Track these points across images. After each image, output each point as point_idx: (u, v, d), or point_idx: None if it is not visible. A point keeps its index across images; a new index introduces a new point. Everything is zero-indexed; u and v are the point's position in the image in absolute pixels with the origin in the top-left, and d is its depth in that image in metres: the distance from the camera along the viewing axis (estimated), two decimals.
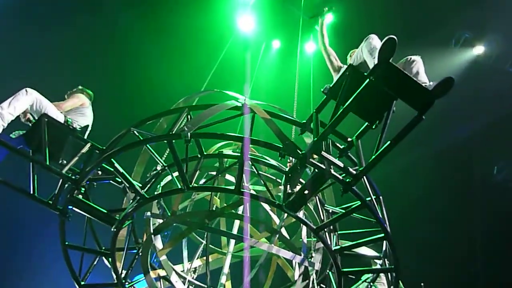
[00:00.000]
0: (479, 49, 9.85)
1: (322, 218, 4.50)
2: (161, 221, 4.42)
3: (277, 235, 4.46)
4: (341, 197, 3.87)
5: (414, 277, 6.33)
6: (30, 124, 4.56)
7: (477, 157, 10.93)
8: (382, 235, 4.00)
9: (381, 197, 4.51)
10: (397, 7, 10.30)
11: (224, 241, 5.88)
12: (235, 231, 5.03)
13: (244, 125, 4.19)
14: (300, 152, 3.57)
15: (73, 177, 4.20)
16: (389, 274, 4.60)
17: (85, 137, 4.83)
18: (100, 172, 4.68)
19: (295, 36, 10.94)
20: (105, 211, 4.31)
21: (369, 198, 4.18)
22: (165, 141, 3.74)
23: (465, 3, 9.45)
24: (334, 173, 3.68)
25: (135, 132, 4.30)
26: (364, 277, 4.90)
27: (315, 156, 3.67)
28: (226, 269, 4.54)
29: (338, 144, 4.32)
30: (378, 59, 3.14)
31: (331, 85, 3.92)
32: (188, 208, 5.40)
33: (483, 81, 9.99)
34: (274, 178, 4.86)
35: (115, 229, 4.33)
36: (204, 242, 4.95)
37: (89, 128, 4.99)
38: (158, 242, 4.34)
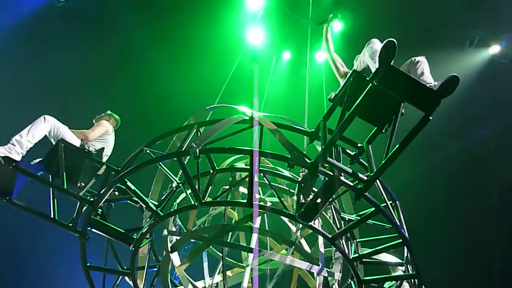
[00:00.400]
0: (495, 49, 9.67)
1: (339, 226, 4.44)
2: (177, 238, 4.46)
3: (293, 246, 4.41)
4: (354, 204, 3.82)
5: (439, 284, 6.17)
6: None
7: (496, 158, 10.63)
8: (400, 240, 3.91)
9: (398, 202, 4.43)
10: (410, 10, 10.28)
11: (245, 254, 5.88)
12: (253, 244, 5.02)
13: (253, 137, 4.22)
14: (309, 161, 3.56)
15: (90, 199, 4.30)
16: (412, 280, 4.47)
17: (104, 160, 4.99)
18: (117, 193, 4.80)
19: (305, 46, 11.06)
20: (123, 231, 4.39)
21: (384, 204, 4.10)
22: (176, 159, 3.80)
23: (478, 2, 9.35)
24: (345, 180, 3.64)
25: (147, 151, 4.39)
26: (387, 285, 4.79)
27: (326, 164, 3.67)
28: (245, 283, 4.50)
29: (349, 151, 4.28)
30: (379, 63, 3.12)
31: (336, 92, 3.92)
32: (206, 223, 5.45)
33: (500, 81, 9.78)
34: (289, 189, 4.84)
35: (133, 248, 4.39)
36: (222, 256, 4.93)
37: (109, 152, 5.12)
38: (176, 259, 4.37)
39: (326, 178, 3.66)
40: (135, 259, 4.48)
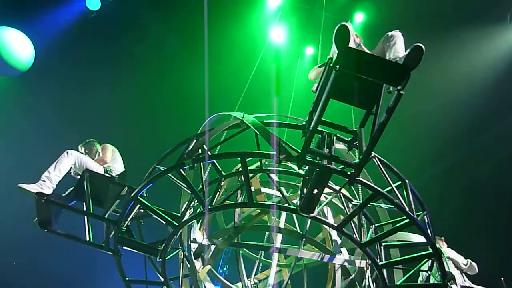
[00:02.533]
0: None
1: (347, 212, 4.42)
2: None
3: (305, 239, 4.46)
4: (349, 188, 3.81)
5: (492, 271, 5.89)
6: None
7: None
8: (408, 220, 3.83)
9: (407, 181, 4.30)
10: None
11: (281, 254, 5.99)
12: (277, 243, 5.11)
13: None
14: (296, 154, 3.63)
15: (115, 219, 4.70)
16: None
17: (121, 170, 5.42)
18: (142, 210, 5.17)
19: (326, 39, 10.99)
20: (147, 244, 4.74)
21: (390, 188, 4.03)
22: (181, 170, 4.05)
23: None
24: (335, 168, 3.66)
25: (161, 168, 4.69)
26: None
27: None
28: (271, 280, 4.64)
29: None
30: (336, 48, 3.14)
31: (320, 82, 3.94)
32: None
33: None
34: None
35: (160, 259, 4.72)
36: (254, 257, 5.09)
37: (122, 166, 5.53)
38: (198, 265, 4.61)
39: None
40: (165, 268, 4.79)
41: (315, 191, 3.76)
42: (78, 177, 5.14)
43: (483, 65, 10.25)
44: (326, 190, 4.71)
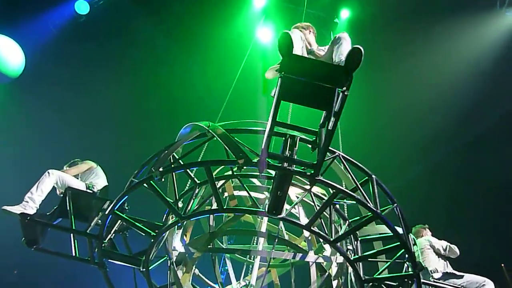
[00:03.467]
0: None
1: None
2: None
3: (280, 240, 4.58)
4: (310, 187, 3.92)
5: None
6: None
7: None
8: (371, 214, 3.94)
9: (373, 176, 4.41)
10: None
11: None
12: (260, 245, 5.23)
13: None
14: (254, 160, 3.76)
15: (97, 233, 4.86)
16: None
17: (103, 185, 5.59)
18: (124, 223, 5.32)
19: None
20: (130, 256, 4.89)
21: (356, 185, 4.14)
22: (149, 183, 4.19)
23: None
24: (295, 169, 3.77)
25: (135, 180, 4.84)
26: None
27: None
28: (253, 281, 4.77)
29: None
30: (280, 55, 3.26)
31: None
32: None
33: None
34: None
35: (143, 269, 4.87)
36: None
37: (105, 181, 5.69)
38: (180, 272, 4.76)
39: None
40: (149, 278, 4.94)
41: (279, 193, 3.89)
42: (62, 195, 5.32)
43: (474, 53, 10.26)
44: (299, 190, 4.85)
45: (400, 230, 4.28)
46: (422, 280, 5.13)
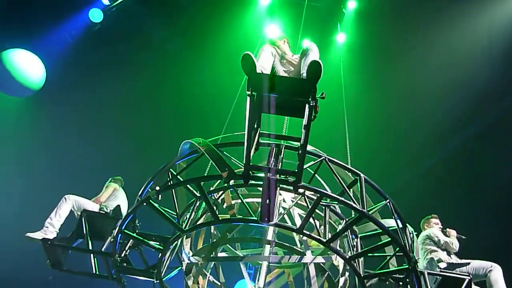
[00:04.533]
0: None
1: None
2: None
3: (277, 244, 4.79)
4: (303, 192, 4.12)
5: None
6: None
7: None
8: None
9: (362, 174, 4.53)
10: None
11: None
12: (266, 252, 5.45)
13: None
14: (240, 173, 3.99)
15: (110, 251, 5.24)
16: None
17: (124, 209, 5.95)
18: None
19: (321, 29, 11.22)
20: (144, 269, 5.24)
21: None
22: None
23: None
24: (278, 178, 3.95)
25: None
26: None
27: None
28: (261, 283, 5.00)
29: None
30: (246, 74, 3.47)
31: None
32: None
33: None
34: None
35: (157, 281, 5.21)
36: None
37: (125, 203, 6.07)
38: (190, 281, 5.06)
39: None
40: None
41: (267, 201, 4.10)
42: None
43: (489, 35, 10.00)
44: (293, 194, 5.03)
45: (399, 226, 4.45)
46: (428, 271, 5.24)
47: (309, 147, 5.40)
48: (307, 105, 3.47)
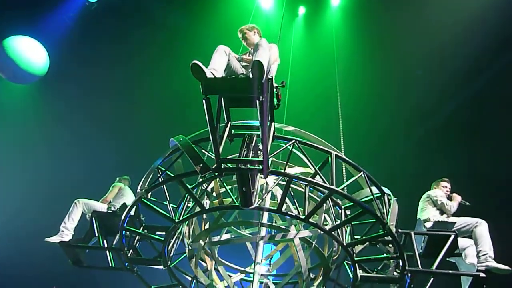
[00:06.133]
0: None
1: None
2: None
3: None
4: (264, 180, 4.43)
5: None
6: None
7: None
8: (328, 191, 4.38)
9: (333, 152, 4.78)
10: None
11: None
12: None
13: None
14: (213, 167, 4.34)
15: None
16: None
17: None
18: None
19: None
20: (152, 259, 5.79)
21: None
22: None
23: None
24: (249, 167, 4.28)
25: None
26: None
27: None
28: (258, 259, 5.45)
29: None
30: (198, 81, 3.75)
31: None
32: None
33: None
34: None
35: (165, 268, 5.75)
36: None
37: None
38: (193, 265, 5.57)
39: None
40: (172, 274, 5.83)
41: (244, 189, 4.45)
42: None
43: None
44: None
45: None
46: (415, 231, 5.52)
47: (291, 128, 5.74)
48: (257, 101, 3.72)
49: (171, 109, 11.20)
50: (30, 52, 8.89)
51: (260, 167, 4.23)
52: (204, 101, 3.80)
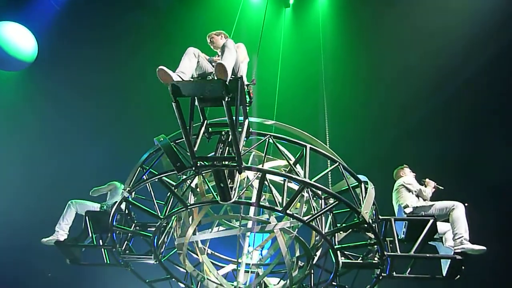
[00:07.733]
0: None
1: None
2: None
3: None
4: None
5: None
6: None
7: None
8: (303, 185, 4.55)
9: (308, 145, 4.94)
10: None
11: None
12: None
13: None
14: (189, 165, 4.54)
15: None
16: None
17: None
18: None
19: None
20: (141, 255, 6.04)
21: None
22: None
23: None
24: (223, 163, 4.46)
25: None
26: None
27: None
28: (245, 249, 5.68)
29: None
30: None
31: None
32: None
33: None
34: None
35: (156, 262, 6.00)
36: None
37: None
38: (181, 258, 5.82)
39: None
40: (163, 267, 6.08)
41: (221, 185, 4.65)
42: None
43: None
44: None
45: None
46: (395, 218, 5.68)
47: (271, 122, 5.91)
48: (223, 102, 3.88)
49: (164, 91, 11.25)
50: (18, 38, 8.78)
51: (234, 164, 4.41)
52: (173, 104, 3.98)
